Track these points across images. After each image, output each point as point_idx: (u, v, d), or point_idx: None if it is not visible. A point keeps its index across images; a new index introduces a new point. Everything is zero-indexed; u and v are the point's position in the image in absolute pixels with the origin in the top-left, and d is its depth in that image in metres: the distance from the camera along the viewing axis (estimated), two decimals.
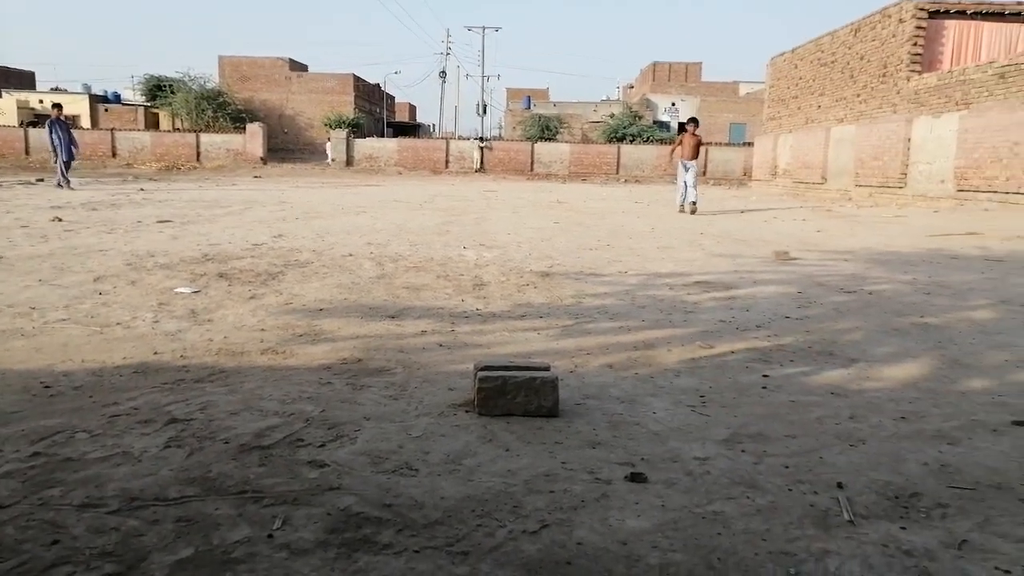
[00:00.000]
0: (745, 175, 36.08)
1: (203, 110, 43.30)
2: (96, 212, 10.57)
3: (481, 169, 39.50)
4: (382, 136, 49.27)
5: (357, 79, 49.50)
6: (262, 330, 3.68)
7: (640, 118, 47.84)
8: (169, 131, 43.27)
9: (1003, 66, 15.01)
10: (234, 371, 2.96)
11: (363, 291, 4.80)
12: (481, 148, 40.63)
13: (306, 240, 7.57)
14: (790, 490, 1.95)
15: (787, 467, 2.10)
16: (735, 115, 51.80)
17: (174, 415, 2.42)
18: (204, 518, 1.74)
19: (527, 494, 1.91)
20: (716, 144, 43.29)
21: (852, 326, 4.03)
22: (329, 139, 41.66)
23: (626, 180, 38.77)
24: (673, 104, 52.81)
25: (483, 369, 2.58)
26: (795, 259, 6.90)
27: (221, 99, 44.60)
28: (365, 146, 42.53)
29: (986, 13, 18.16)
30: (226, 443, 2.19)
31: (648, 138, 44.47)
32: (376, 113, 53.95)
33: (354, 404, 2.57)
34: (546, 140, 44.55)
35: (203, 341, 3.42)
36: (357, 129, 44.66)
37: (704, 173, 39.31)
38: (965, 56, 18.11)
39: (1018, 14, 18.01)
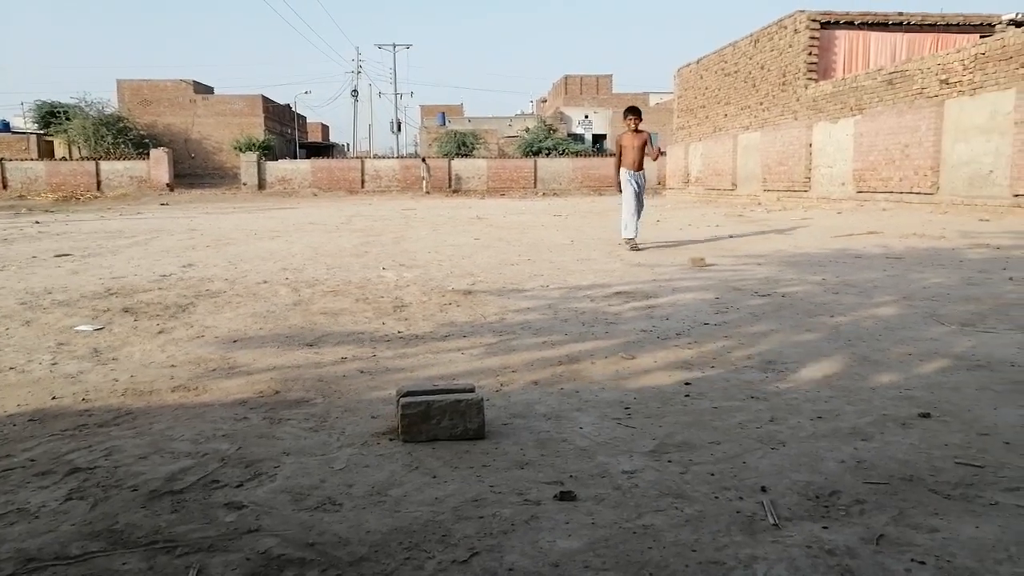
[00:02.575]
0: (660, 184, 37.02)
1: (102, 136, 41.48)
2: None
3: (427, 191, 39.24)
4: (295, 158, 48.35)
5: (266, 100, 48.49)
6: (172, 366, 3.50)
7: (555, 131, 48.54)
8: (66, 159, 41.25)
9: (890, 73, 15.91)
10: (142, 412, 2.80)
11: (279, 319, 4.65)
12: (423, 160, 40.51)
13: (218, 268, 7.30)
14: (716, 497, 1.97)
15: (713, 474, 2.12)
16: (647, 125, 52.85)
17: (76, 464, 2.27)
18: (110, 575, 1.62)
19: (456, 521, 1.86)
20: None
21: (768, 329, 4.15)
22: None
23: (544, 193, 39.20)
24: (587, 116, 53.83)
25: (406, 395, 2.52)
26: (711, 265, 7.09)
27: (121, 124, 42.87)
28: (278, 168, 41.63)
29: (872, 23, 19.25)
30: (134, 490, 2.06)
31: (563, 151, 45.14)
32: (288, 134, 52.92)
33: (272, 439, 2.47)
34: (463, 156, 44.65)
35: (107, 382, 3.23)
36: (268, 151, 43.68)
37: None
38: (856, 64, 19.14)
39: (900, 24, 19.17)
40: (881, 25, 19.17)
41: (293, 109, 55.26)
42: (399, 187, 41.43)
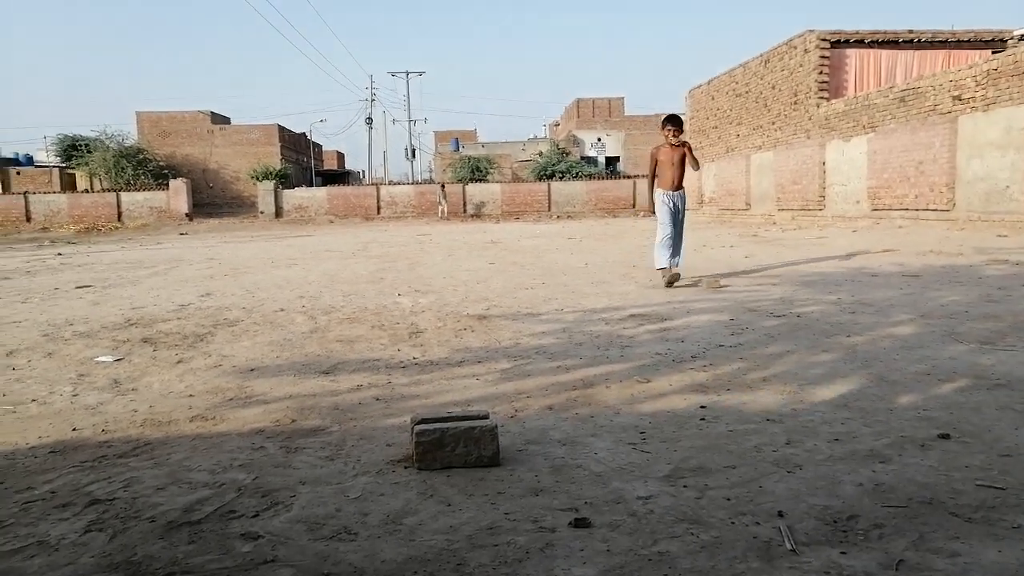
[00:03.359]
0: None
1: (123, 168, 42.19)
2: (8, 281, 10.10)
3: (444, 217, 39.50)
4: (311, 185, 48.91)
5: (282, 129, 49.17)
6: (190, 396, 3.54)
7: (568, 154, 48.80)
8: (87, 191, 41.95)
9: (902, 90, 15.89)
10: (160, 442, 2.82)
11: (296, 347, 4.68)
12: (441, 187, 40.76)
13: (235, 297, 7.38)
14: (733, 523, 1.95)
15: (729, 499, 2.11)
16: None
17: (95, 495, 2.29)
18: None
19: (471, 550, 1.86)
20: (643, 176, 44.34)
21: (783, 350, 4.12)
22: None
23: (558, 216, 39.32)
24: (599, 139, 54.08)
25: (420, 423, 2.53)
26: (726, 286, 7.07)
27: (141, 156, 43.59)
28: (294, 196, 42.08)
29: (882, 41, 19.26)
30: (152, 522, 2.08)
31: (577, 174, 45.32)
32: (303, 162, 53.54)
33: (288, 468, 2.48)
34: (477, 181, 44.93)
35: (126, 412, 3.27)
36: (285, 179, 44.21)
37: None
38: (867, 82, 19.13)
39: (910, 41, 19.17)
40: (892, 43, 19.18)
41: (309, 137, 55.95)
42: (414, 213, 41.71)
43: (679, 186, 7.54)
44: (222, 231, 31.79)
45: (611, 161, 53.24)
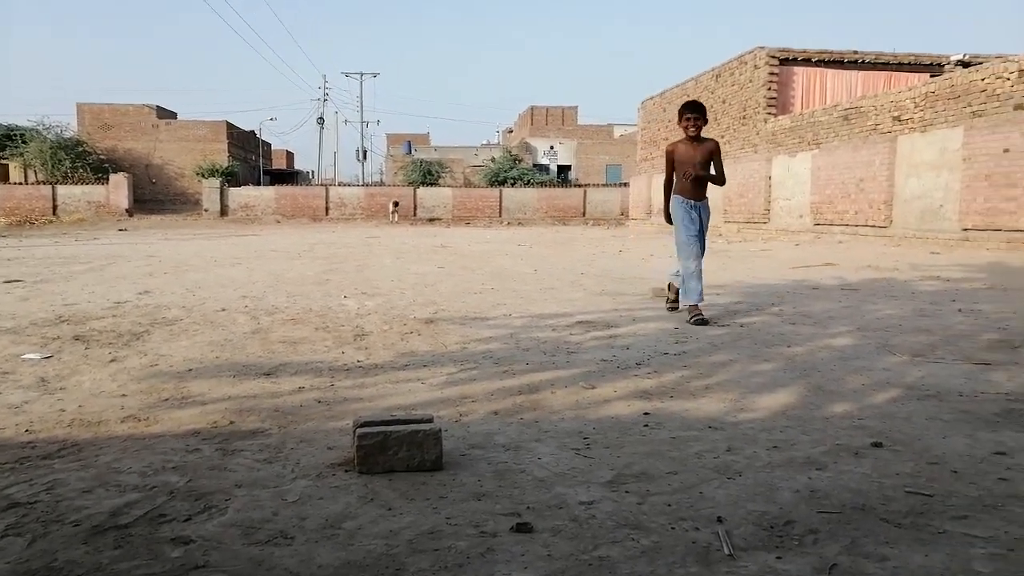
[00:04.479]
0: (623, 214, 37.40)
1: (60, 160, 40.77)
2: None
3: (395, 220, 39.18)
4: (259, 184, 48.02)
5: (231, 126, 48.18)
6: (123, 396, 3.41)
7: (520, 161, 49.01)
8: (21, 183, 40.39)
9: (845, 109, 16.39)
10: (89, 443, 2.71)
11: (237, 348, 4.57)
12: (394, 204, 40.37)
13: (175, 296, 7.17)
14: (673, 528, 1.97)
15: (670, 505, 2.12)
16: (611, 157, 53.97)
17: (15, 498, 2.19)
18: None
19: (410, 555, 1.83)
20: (594, 185, 44.88)
21: (726, 359, 4.19)
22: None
23: (509, 223, 39.41)
24: (552, 147, 54.45)
25: (363, 425, 2.49)
26: None
27: (80, 148, 42.19)
28: (241, 195, 41.28)
29: (828, 61, 19.86)
30: (76, 526, 1.99)
31: (529, 181, 45.53)
32: (252, 161, 52.55)
33: (224, 471, 2.41)
34: (429, 185, 44.76)
35: (53, 412, 3.13)
36: (232, 177, 43.31)
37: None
38: (813, 100, 19.69)
39: (855, 62, 19.81)
40: (837, 63, 19.79)
41: (258, 135, 54.97)
42: (364, 215, 41.32)
43: (700, 196, 5.84)
44: (164, 228, 30.96)
45: (563, 169, 53.66)
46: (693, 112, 5.77)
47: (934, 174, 13.78)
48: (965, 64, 18.51)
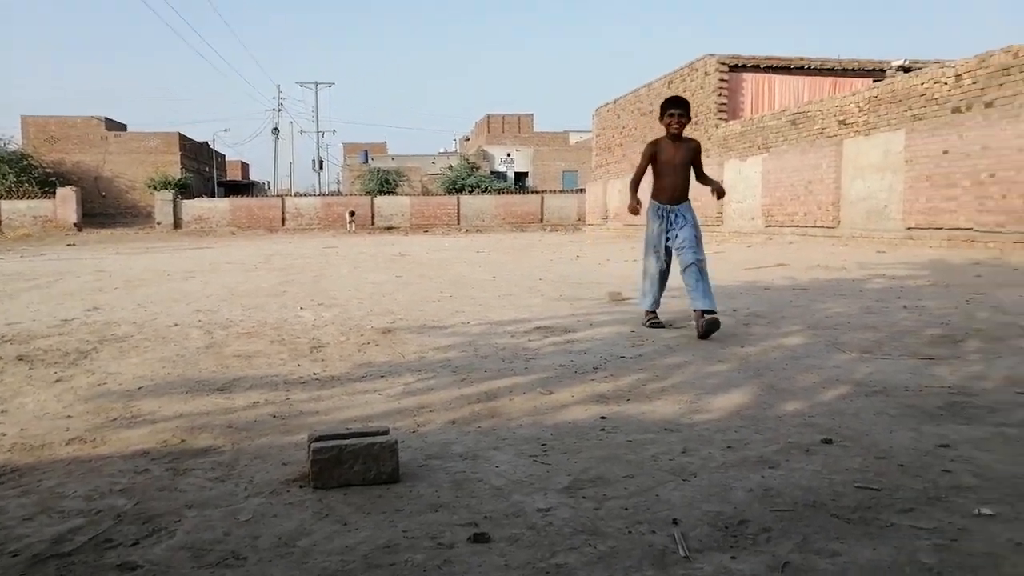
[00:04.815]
0: (580, 220, 37.64)
1: (3, 175, 39.53)
2: None
3: (352, 230, 38.88)
4: (213, 196, 47.23)
5: (183, 138, 47.33)
6: (68, 417, 3.31)
7: (477, 169, 49.07)
8: None
9: (793, 114, 16.76)
10: (31, 468, 2.63)
11: (189, 364, 4.48)
12: (351, 214, 40.02)
13: (125, 312, 7.00)
14: (630, 532, 1.98)
15: (626, 509, 2.14)
16: (567, 163, 54.32)
17: None
18: None
19: (366, 570, 1.81)
20: (551, 192, 45.12)
21: (681, 361, 4.24)
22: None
23: (467, 230, 39.39)
24: (509, 154, 54.61)
25: (317, 440, 2.45)
26: (628, 299, 7.22)
27: (25, 162, 40.97)
28: (194, 207, 40.56)
29: (776, 67, 20.30)
30: (15, 556, 1.92)
31: (486, 188, 45.60)
32: (206, 172, 51.68)
33: (174, 492, 2.35)
34: (386, 193, 44.52)
35: None
36: (185, 189, 42.55)
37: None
38: (763, 105, 20.10)
39: (801, 68, 20.28)
40: (784, 69, 20.24)
41: (211, 147, 54.07)
42: (321, 225, 40.91)
43: (681, 197, 5.38)
44: (115, 242, 30.20)
45: (520, 176, 53.84)
46: (677, 108, 5.37)
47: (879, 176, 14.17)
48: (906, 69, 19.10)
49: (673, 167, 5.38)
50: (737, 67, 20.04)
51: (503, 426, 3.02)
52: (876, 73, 20.02)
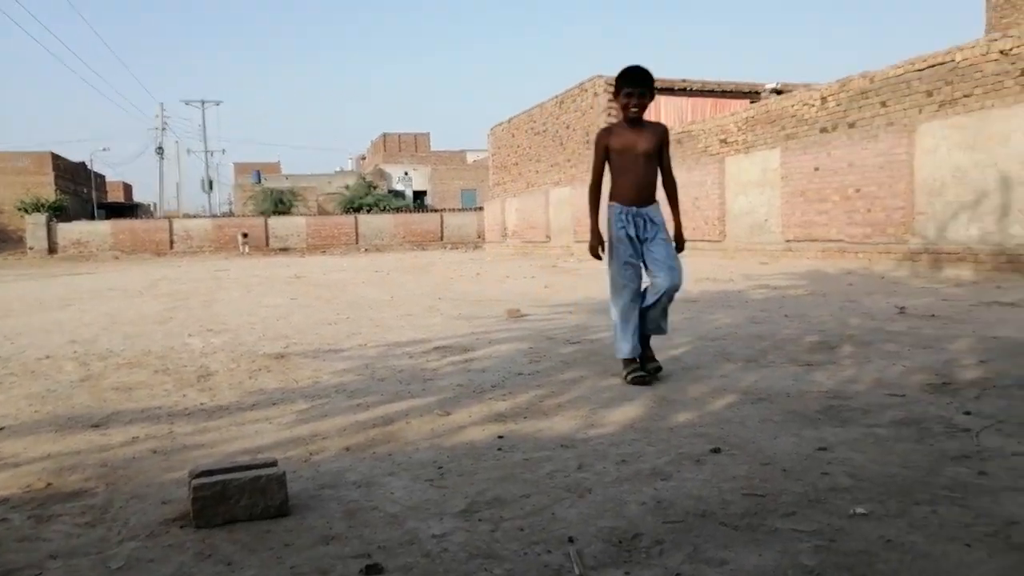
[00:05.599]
0: (479, 237, 37.80)
1: None
2: None
3: (246, 252, 37.42)
4: (92, 218, 44.61)
5: (57, 158, 44.54)
6: None
7: (375, 188, 48.54)
8: None
9: (678, 133, 17.45)
10: None
11: (61, 399, 4.17)
12: (243, 236, 38.54)
13: None
14: (525, 553, 1.97)
15: (522, 529, 2.13)
16: (465, 182, 54.52)
17: None
18: None
19: None
20: (450, 210, 45.16)
21: (578, 376, 4.30)
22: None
23: (367, 249, 38.82)
24: (406, 173, 54.31)
25: (199, 475, 2.32)
26: (527, 316, 7.28)
27: None
28: (72, 230, 38.23)
29: (661, 88, 21.09)
30: None
31: (385, 207, 45.16)
32: (84, 194, 48.78)
33: (37, 541, 2.17)
34: (281, 214, 43.33)
35: None
36: (60, 212, 40.01)
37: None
38: None
39: (684, 89, 21.18)
40: (669, 90, 21.06)
41: (90, 167, 51.11)
42: (212, 247, 39.35)
43: (649, 197, 4.17)
44: None
45: (419, 195, 53.64)
46: (635, 85, 4.00)
47: (759, 191, 14.94)
48: (778, 92, 20.27)
49: (635, 158, 4.08)
50: None
51: (399, 451, 2.96)
52: (752, 95, 21.15)
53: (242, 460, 2.60)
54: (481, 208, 38.51)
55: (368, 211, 43.84)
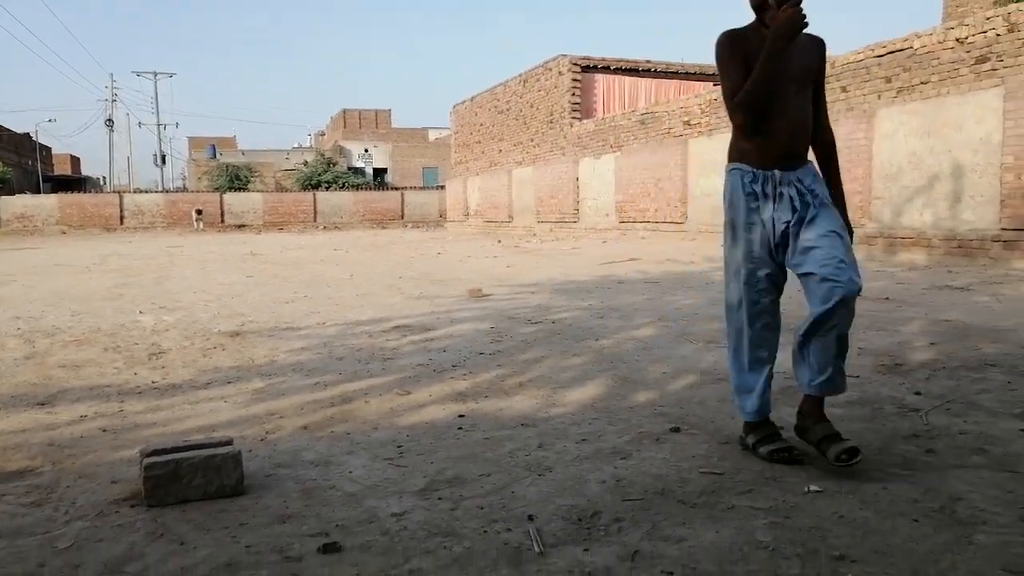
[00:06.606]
0: (441, 216, 37.58)
1: None
2: None
3: (200, 229, 36.46)
4: (38, 192, 43.17)
5: (0, 128, 42.90)
6: None
7: (335, 165, 47.76)
8: None
9: (642, 114, 17.50)
10: None
11: (3, 377, 4.04)
12: (198, 212, 37.55)
13: None
14: (485, 531, 1.96)
15: (482, 508, 2.12)
16: (427, 159, 54.00)
17: None
18: None
19: None
20: (411, 188, 44.76)
21: (539, 355, 4.29)
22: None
23: (325, 227, 38.31)
24: (367, 150, 53.55)
25: (151, 454, 2.26)
26: (488, 295, 7.26)
27: None
28: (15, 204, 36.96)
29: (625, 69, 21.12)
30: None
31: (344, 184, 44.52)
32: (29, 166, 47.11)
33: None
34: (237, 190, 42.43)
35: None
36: (3, 185, 38.63)
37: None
38: (613, 105, 20.84)
39: (648, 70, 21.22)
40: (633, 71, 21.10)
41: (34, 139, 49.35)
42: (165, 223, 38.41)
43: (801, 153, 2.61)
44: None
45: (379, 172, 52.97)
46: None
47: (720, 174, 15.09)
48: None
49: (784, 86, 2.51)
50: (589, 68, 20.66)
51: (358, 430, 2.93)
52: (715, 77, 21.30)
53: (196, 439, 2.54)
54: (443, 187, 38.22)
55: (327, 188, 43.18)
